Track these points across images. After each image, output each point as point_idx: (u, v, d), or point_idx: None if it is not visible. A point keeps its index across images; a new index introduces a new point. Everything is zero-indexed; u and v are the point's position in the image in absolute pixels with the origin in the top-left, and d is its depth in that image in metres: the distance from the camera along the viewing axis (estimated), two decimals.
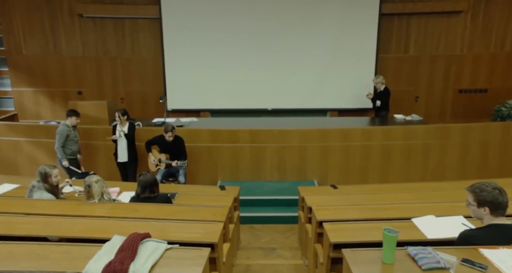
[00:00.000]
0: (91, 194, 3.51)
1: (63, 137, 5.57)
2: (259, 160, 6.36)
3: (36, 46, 7.90)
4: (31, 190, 3.77)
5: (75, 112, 5.71)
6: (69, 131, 5.64)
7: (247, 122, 7.24)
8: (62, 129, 5.59)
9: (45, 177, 3.77)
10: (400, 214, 3.14)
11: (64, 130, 5.59)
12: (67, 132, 5.61)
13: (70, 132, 5.66)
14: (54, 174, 3.82)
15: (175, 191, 4.47)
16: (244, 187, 5.98)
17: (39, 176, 3.80)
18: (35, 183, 3.81)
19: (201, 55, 8.01)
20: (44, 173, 3.79)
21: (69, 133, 5.64)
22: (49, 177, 3.78)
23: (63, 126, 5.64)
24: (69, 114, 5.68)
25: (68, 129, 5.64)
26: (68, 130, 5.64)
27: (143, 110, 8.30)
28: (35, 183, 3.80)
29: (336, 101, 8.30)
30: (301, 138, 6.33)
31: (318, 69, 8.15)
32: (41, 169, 3.81)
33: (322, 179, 6.41)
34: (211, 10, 7.80)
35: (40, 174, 3.80)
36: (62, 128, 5.60)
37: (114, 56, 8.09)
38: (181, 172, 5.82)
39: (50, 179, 3.80)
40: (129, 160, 5.93)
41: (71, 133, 5.67)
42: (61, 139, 5.56)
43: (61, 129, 5.60)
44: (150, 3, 7.75)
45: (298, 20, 7.88)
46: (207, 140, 6.36)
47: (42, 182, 3.79)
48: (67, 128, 5.64)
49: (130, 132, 5.84)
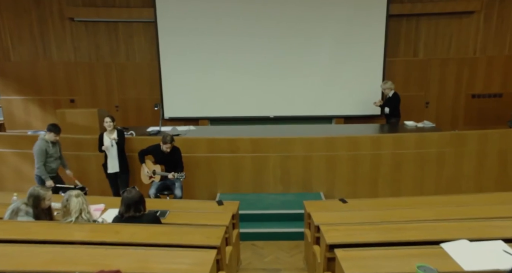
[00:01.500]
0: (68, 210, 3.07)
1: (43, 155, 4.98)
2: (261, 171, 5.95)
3: (24, 52, 7.54)
4: (16, 213, 3.27)
5: (56, 128, 5.11)
6: (47, 147, 5.06)
7: (248, 130, 6.82)
8: (40, 146, 4.95)
9: (38, 200, 3.29)
10: (424, 235, 2.69)
11: (42, 147, 4.98)
12: (46, 148, 5.03)
13: (50, 148, 5.09)
14: (48, 197, 3.37)
15: (169, 206, 4.05)
16: (245, 200, 5.59)
17: (30, 198, 3.30)
18: (22, 206, 3.30)
19: (199, 60, 7.61)
20: (37, 196, 3.30)
21: (48, 149, 5.07)
22: (42, 200, 3.31)
23: (41, 141, 5.00)
24: (50, 129, 5.07)
25: (47, 144, 5.05)
26: (47, 145, 5.05)
27: (139, 118, 7.89)
28: (22, 206, 3.30)
29: (341, 108, 7.86)
30: (305, 147, 5.90)
31: (323, 74, 7.72)
32: (33, 191, 3.32)
33: (329, 191, 5.96)
34: (210, 13, 7.42)
35: (32, 197, 3.30)
36: (39, 145, 4.96)
37: (108, 62, 7.70)
38: (177, 185, 5.38)
39: (43, 202, 3.33)
40: (120, 170, 5.52)
41: (50, 149, 5.09)
42: (42, 157, 4.97)
43: (40, 146, 4.96)
44: (145, 5, 7.39)
45: (301, 22, 7.48)
46: (205, 150, 5.93)
47: (31, 206, 3.29)
48: (46, 143, 5.04)
49: (120, 139, 5.42)
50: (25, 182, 6.01)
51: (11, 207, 3.33)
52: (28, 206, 3.29)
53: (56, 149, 5.23)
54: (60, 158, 5.37)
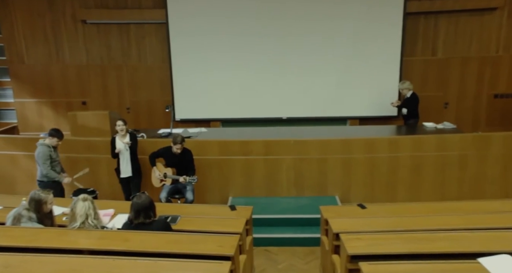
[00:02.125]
0: (74, 215, 2.96)
1: (47, 159, 4.90)
2: (274, 174, 5.79)
3: (38, 54, 7.53)
4: (18, 220, 3.16)
5: (59, 133, 5.04)
6: (50, 151, 4.97)
7: (261, 132, 6.67)
8: (43, 151, 4.87)
9: (39, 204, 3.18)
10: (457, 247, 2.49)
11: (45, 151, 4.90)
12: (49, 153, 4.95)
13: (52, 152, 5.00)
14: (50, 200, 3.26)
15: (180, 211, 3.92)
16: (258, 204, 5.44)
17: (31, 203, 3.19)
18: (23, 212, 3.18)
19: (211, 61, 7.49)
20: (38, 200, 3.19)
21: (51, 154, 4.99)
22: (44, 204, 3.19)
23: (42, 147, 4.91)
24: (52, 134, 5.00)
25: (49, 149, 4.97)
26: (49, 150, 4.97)
27: (150, 120, 7.81)
28: (24, 212, 3.18)
29: (356, 109, 7.65)
30: (320, 150, 5.73)
31: (337, 74, 7.52)
32: (34, 195, 3.21)
33: (344, 195, 5.76)
34: (221, 13, 7.30)
35: (32, 201, 3.19)
36: (42, 151, 4.87)
37: (119, 64, 7.65)
38: (189, 188, 5.25)
39: (44, 206, 3.21)
40: (133, 175, 5.41)
41: (52, 153, 5.01)
42: (47, 161, 4.90)
43: (42, 151, 4.87)
44: (156, 7, 7.31)
45: (315, 21, 7.29)
46: (216, 152, 5.80)
47: (33, 211, 3.18)
48: (48, 148, 4.92)
49: (134, 143, 5.32)
50: (36, 185, 5.96)
51: (11, 214, 3.23)
52: (30, 212, 3.19)
53: (57, 153, 5.15)
54: (59, 162, 5.26)
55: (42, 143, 4.98)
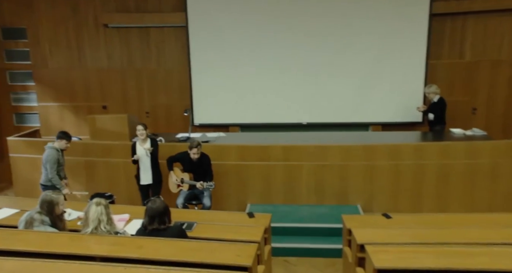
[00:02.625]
0: (86, 220, 2.87)
1: (55, 163, 4.85)
2: (294, 181, 5.62)
3: (61, 59, 7.62)
4: (31, 224, 3.09)
5: (67, 136, 5.00)
6: (58, 155, 4.93)
7: (280, 137, 6.51)
8: (52, 155, 4.82)
9: (51, 206, 3.10)
10: (497, 263, 2.26)
11: (54, 156, 4.83)
12: (58, 157, 4.90)
13: (60, 156, 4.96)
14: (61, 201, 3.19)
15: (197, 217, 3.80)
16: (277, 212, 5.28)
17: (43, 205, 3.11)
18: (36, 216, 3.11)
19: (230, 66, 7.41)
20: (50, 201, 3.10)
21: (59, 158, 4.94)
22: (56, 205, 3.12)
23: (52, 150, 4.85)
24: (60, 136, 4.94)
25: (58, 153, 4.92)
26: (58, 154, 4.92)
27: (169, 124, 7.77)
28: (36, 216, 3.10)
29: (379, 114, 7.39)
30: (342, 156, 5.53)
31: (359, 77, 7.30)
32: (45, 197, 3.13)
33: (367, 204, 5.54)
34: (241, 17, 7.22)
35: (44, 203, 3.10)
36: (52, 154, 4.82)
37: (139, 68, 7.66)
38: (206, 194, 5.14)
39: (57, 208, 3.14)
40: (153, 182, 5.30)
41: (61, 158, 4.97)
42: (54, 166, 4.84)
43: (51, 154, 4.82)
44: (176, 10, 7.29)
45: (335, 25, 7.12)
46: (235, 157, 5.68)
47: (46, 213, 3.10)
48: (57, 152, 4.88)
49: (155, 149, 5.23)
50: None
51: (23, 218, 3.16)
52: (42, 215, 3.12)
53: (63, 157, 5.09)
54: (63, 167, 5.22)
55: (51, 146, 4.93)
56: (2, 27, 7.51)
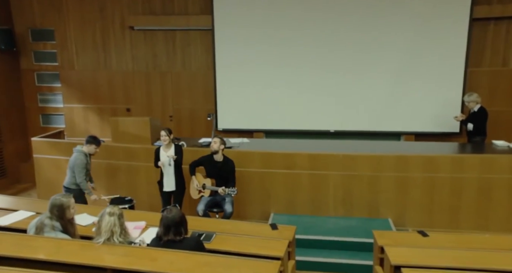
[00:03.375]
0: (99, 229, 2.69)
1: (83, 168, 4.79)
2: (320, 191, 5.33)
3: (87, 61, 7.64)
4: (41, 229, 2.94)
5: (97, 141, 4.93)
6: (86, 160, 4.85)
7: (306, 144, 6.24)
8: (81, 159, 4.78)
9: (62, 210, 2.94)
10: None
11: (83, 160, 4.78)
12: (86, 161, 4.85)
13: (87, 161, 4.90)
14: (72, 204, 3.03)
15: (216, 227, 3.59)
16: (301, 223, 5.03)
17: (53, 209, 2.95)
18: (46, 221, 2.96)
19: (256, 70, 7.20)
20: (61, 205, 2.94)
21: (87, 163, 4.89)
22: (67, 209, 2.96)
23: (80, 154, 4.82)
24: (90, 141, 4.88)
25: (86, 157, 4.85)
26: (86, 159, 4.86)
27: (192, 129, 7.63)
28: (47, 221, 2.95)
29: (412, 123, 6.98)
30: (372, 166, 5.20)
31: (392, 84, 6.92)
32: (55, 201, 2.96)
33: (398, 218, 5.18)
34: (268, 20, 7.01)
35: (54, 207, 2.94)
36: (80, 158, 4.78)
37: (164, 71, 7.57)
38: (228, 199, 4.91)
39: (68, 211, 2.97)
40: (176, 189, 5.13)
41: (88, 163, 4.91)
42: (83, 171, 4.79)
43: (80, 159, 4.77)
44: (203, 12, 7.17)
45: (367, 28, 6.79)
46: (258, 164, 5.44)
47: (57, 218, 2.94)
48: (85, 157, 4.84)
49: (179, 156, 5.05)
50: None
51: (33, 224, 3.02)
52: (53, 220, 2.96)
53: (90, 161, 5.03)
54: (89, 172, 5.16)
55: (79, 150, 4.86)
56: (31, 29, 7.59)
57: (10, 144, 7.44)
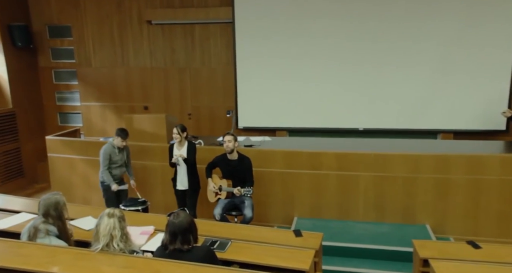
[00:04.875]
0: (97, 235, 2.34)
1: (106, 158, 4.71)
2: (349, 193, 4.88)
3: (104, 57, 7.43)
4: (35, 235, 2.61)
5: (123, 133, 4.77)
6: (113, 152, 4.77)
7: (333, 143, 5.78)
8: (105, 149, 4.75)
9: (60, 208, 2.61)
10: None
11: (107, 150, 4.74)
12: (110, 153, 4.75)
13: (115, 153, 4.79)
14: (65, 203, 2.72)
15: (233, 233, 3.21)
16: (328, 228, 4.62)
17: (49, 210, 2.61)
18: (40, 226, 2.63)
19: (279, 64, 6.77)
20: (57, 203, 2.62)
21: (113, 155, 4.77)
22: (64, 206, 2.65)
23: (108, 145, 4.80)
24: (117, 133, 4.79)
25: (113, 149, 4.78)
26: (113, 151, 4.77)
27: (212, 127, 7.28)
28: (41, 226, 2.62)
29: (451, 120, 6.37)
30: (408, 167, 4.69)
31: (429, 77, 6.33)
32: (49, 200, 2.63)
33: (438, 225, 4.65)
34: (293, 12, 6.57)
35: (50, 206, 2.60)
36: (106, 148, 4.76)
37: (182, 67, 7.26)
38: (247, 203, 4.51)
39: (65, 210, 2.67)
40: (189, 188, 4.82)
41: (115, 155, 4.79)
42: (105, 161, 4.71)
43: (105, 149, 4.75)
44: (222, 4, 6.82)
45: (403, 18, 6.23)
46: (281, 164, 5.02)
47: (54, 220, 2.60)
48: (112, 148, 4.78)
49: (190, 155, 4.71)
50: (93, 191, 5.66)
51: (26, 229, 2.69)
52: (47, 223, 2.62)
53: (122, 156, 4.89)
54: (126, 166, 5.00)
55: (110, 142, 4.84)
56: (48, 25, 7.44)
57: (28, 143, 7.30)
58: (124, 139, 4.78)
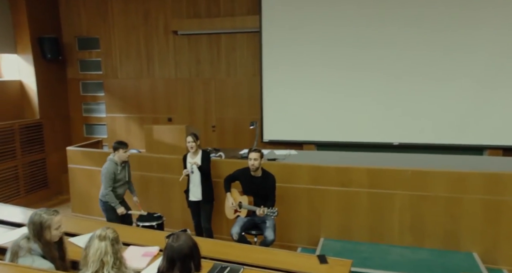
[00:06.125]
0: (85, 259, 2.04)
1: (110, 178, 4.31)
2: (382, 214, 4.43)
3: (130, 69, 7.37)
4: (16, 254, 2.35)
5: (122, 144, 4.43)
6: (116, 170, 4.39)
7: (364, 158, 5.32)
8: (108, 169, 4.33)
9: (39, 230, 2.33)
10: None
11: (110, 169, 4.33)
12: (114, 171, 4.36)
13: (118, 171, 4.41)
14: (56, 224, 2.39)
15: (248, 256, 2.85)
16: (358, 252, 4.18)
17: (29, 227, 2.37)
18: (21, 243, 2.38)
19: (307, 76, 6.42)
20: (39, 223, 2.35)
21: (117, 173, 4.39)
22: (47, 229, 2.34)
23: (110, 163, 4.37)
24: (115, 147, 4.39)
25: (116, 167, 4.39)
26: (116, 168, 4.38)
27: (236, 140, 6.99)
28: (22, 243, 2.37)
29: (500, 135, 5.74)
30: (451, 185, 4.18)
31: (474, 89, 5.77)
32: (34, 217, 2.38)
33: (487, 253, 4.07)
34: (322, 20, 6.25)
35: (31, 223, 2.37)
36: (108, 167, 4.34)
37: (207, 78, 7.07)
38: (269, 223, 4.12)
39: (47, 232, 2.35)
40: (203, 199, 4.54)
41: (118, 173, 4.42)
42: (109, 182, 4.31)
43: (108, 168, 4.34)
44: (250, 13, 6.60)
45: (446, 23, 5.76)
46: (307, 180, 4.63)
47: (34, 239, 2.34)
48: (115, 166, 4.39)
49: (204, 163, 4.43)
50: None
51: (10, 246, 2.43)
52: (30, 241, 2.35)
53: (125, 173, 4.55)
54: (128, 183, 4.65)
55: (111, 159, 4.43)
56: (78, 37, 7.51)
57: (54, 154, 7.29)
58: (126, 149, 4.44)
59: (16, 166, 6.61)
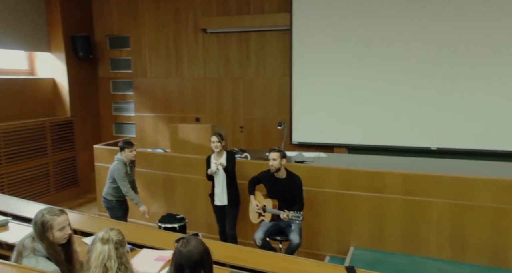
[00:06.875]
0: (88, 264, 1.89)
1: (124, 177, 4.27)
2: (418, 223, 4.09)
3: (159, 67, 7.35)
4: (21, 254, 2.25)
5: (128, 143, 4.38)
6: (126, 169, 4.35)
7: (399, 162, 4.99)
8: (119, 168, 4.29)
9: (42, 230, 2.20)
10: None
11: (121, 170, 4.29)
12: (125, 170, 4.33)
13: (127, 170, 4.39)
14: (59, 224, 2.24)
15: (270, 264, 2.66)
16: (391, 263, 3.87)
17: (34, 228, 2.26)
18: (26, 242, 2.27)
19: (338, 76, 6.14)
20: (41, 223, 2.21)
21: (126, 171, 4.37)
22: (49, 230, 2.21)
23: (119, 163, 4.33)
24: (121, 147, 4.34)
25: (125, 167, 4.35)
26: (126, 168, 4.35)
27: (264, 141, 6.78)
28: (27, 242, 2.26)
29: None
30: (498, 195, 3.79)
31: None
32: (37, 216, 2.26)
33: None
34: (355, 19, 5.96)
35: (34, 225, 2.25)
36: (118, 168, 4.30)
37: (236, 77, 6.92)
38: (294, 227, 3.89)
39: (50, 233, 2.21)
40: (229, 203, 4.35)
41: (127, 172, 4.39)
42: (125, 180, 4.27)
43: (118, 168, 4.29)
44: (280, 10, 6.40)
45: (489, 21, 5.34)
46: (336, 184, 4.35)
47: (38, 239, 2.23)
48: (125, 166, 4.35)
49: (230, 164, 4.25)
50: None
51: (17, 244, 2.32)
52: (35, 241, 2.23)
53: (132, 172, 4.49)
54: (133, 181, 4.57)
55: (119, 158, 4.37)
56: (109, 36, 7.57)
57: (83, 152, 7.37)
58: (133, 147, 4.37)
59: (47, 164, 6.72)
